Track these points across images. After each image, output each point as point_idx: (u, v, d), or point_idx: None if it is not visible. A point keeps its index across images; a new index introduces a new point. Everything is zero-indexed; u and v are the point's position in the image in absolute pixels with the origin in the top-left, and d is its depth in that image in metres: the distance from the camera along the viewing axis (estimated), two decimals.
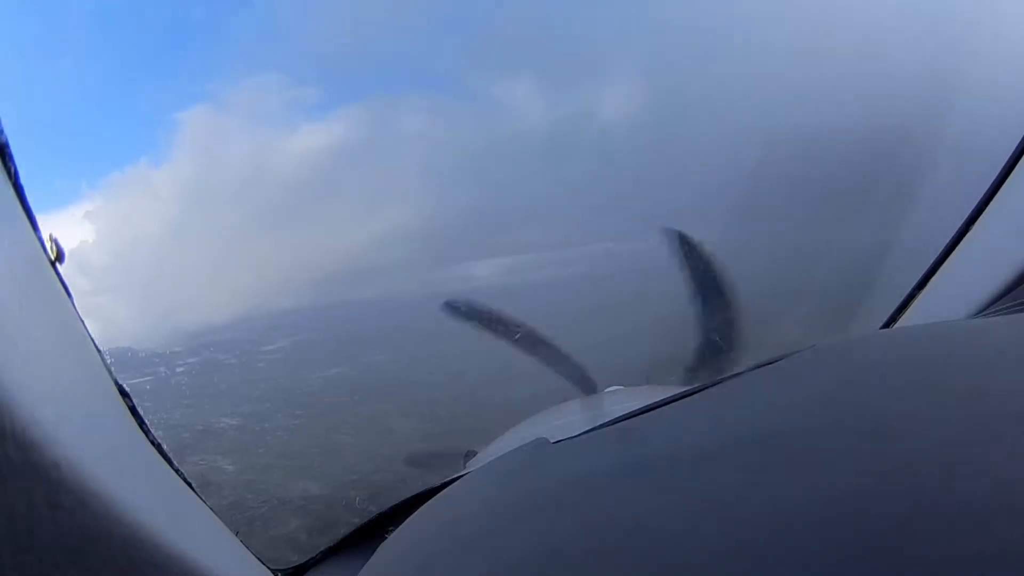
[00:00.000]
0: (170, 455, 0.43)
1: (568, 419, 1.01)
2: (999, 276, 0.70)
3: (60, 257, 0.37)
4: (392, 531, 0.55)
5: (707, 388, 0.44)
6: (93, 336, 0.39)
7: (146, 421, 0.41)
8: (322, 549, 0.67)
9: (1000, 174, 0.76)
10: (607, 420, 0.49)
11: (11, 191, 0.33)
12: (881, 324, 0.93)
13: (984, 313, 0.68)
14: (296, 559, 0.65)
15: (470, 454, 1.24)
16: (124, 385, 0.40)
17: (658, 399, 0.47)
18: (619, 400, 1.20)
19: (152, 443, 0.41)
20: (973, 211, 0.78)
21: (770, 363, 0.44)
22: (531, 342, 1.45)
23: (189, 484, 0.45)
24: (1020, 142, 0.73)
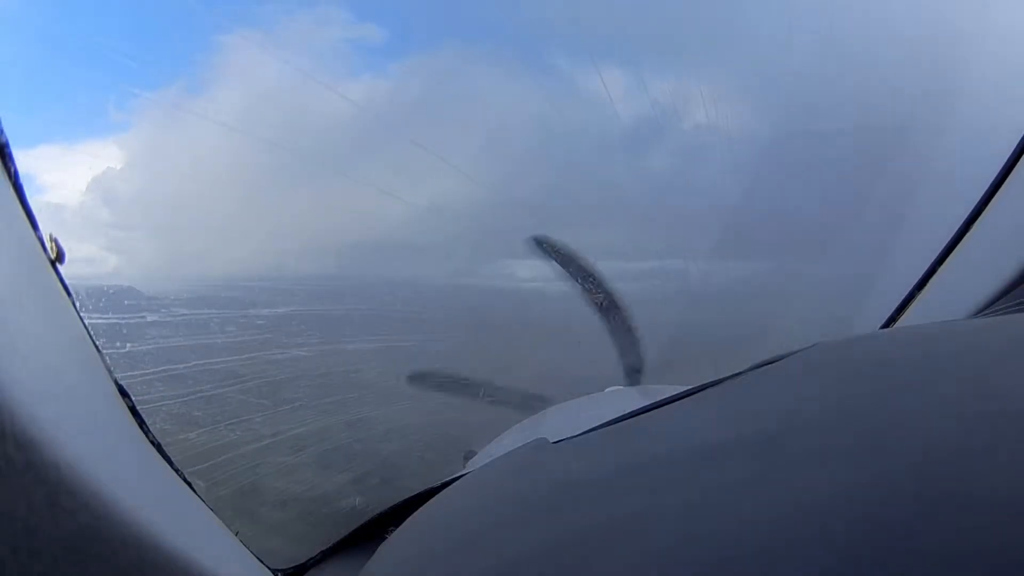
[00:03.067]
0: (170, 455, 0.43)
1: (568, 419, 1.01)
2: (999, 276, 0.70)
3: (60, 257, 0.37)
4: (392, 531, 0.55)
5: (707, 388, 0.44)
6: (92, 333, 0.39)
7: (146, 421, 0.41)
8: (322, 549, 0.67)
9: (1000, 174, 0.76)
10: (607, 420, 0.49)
11: (11, 191, 0.33)
12: (881, 324, 0.93)
13: (984, 313, 0.68)
14: (296, 559, 0.64)
15: (470, 454, 1.23)
16: (124, 385, 0.40)
17: (658, 399, 0.47)
18: (619, 400, 1.20)
19: (152, 443, 0.41)
20: (973, 211, 0.78)
21: (770, 363, 0.44)
22: (609, 310, 1.38)
23: (189, 484, 0.45)
24: (1020, 142, 0.73)
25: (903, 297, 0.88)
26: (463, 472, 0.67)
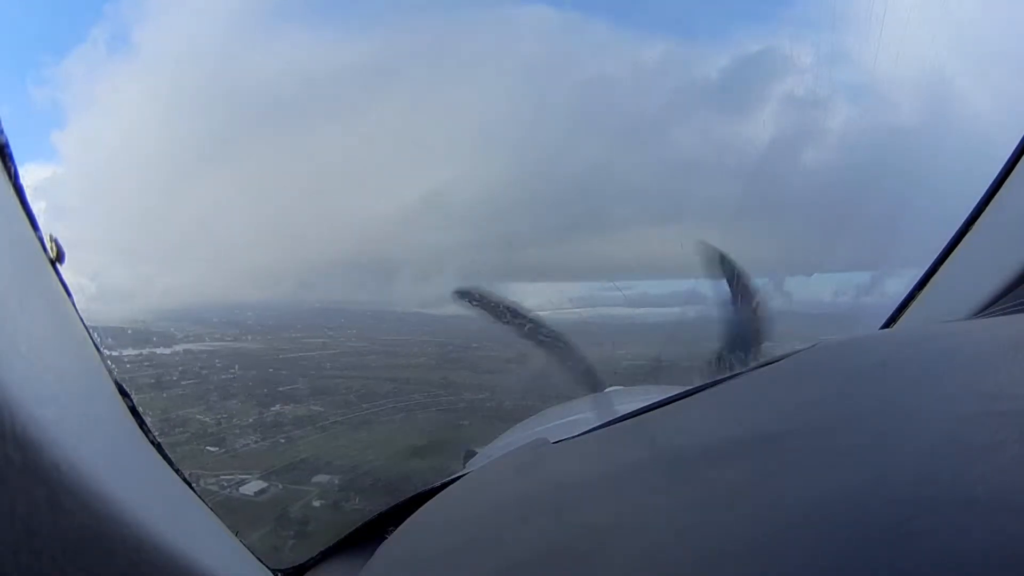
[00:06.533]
0: (170, 455, 0.43)
1: (568, 419, 1.01)
2: (999, 276, 0.70)
3: (60, 257, 0.37)
4: (392, 531, 0.55)
5: (707, 388, 0.44)
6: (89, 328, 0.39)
7: (146, 421, 0.41)
8: (322, 549, 0.67)
9: (1000, 174, 0.76)
10: (607, 420, 0.49)
11: (11, 191, 0.33)
12: (881, 324, 0.93)
13: (984, 313, 0.68)
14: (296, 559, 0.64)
15: (470, 454, 1.23)
16: (124, 385, 0.40)
17: (658, 399, 0.47)
18: (619, 400, 1.19)
19: (152, 443, 0.41)
20: (973, 211, 0.78)
21: (770, 363, 0.44)
22: (540, 335, 1.38)
23: (189, 484, 0.45)
24: (1020, 142, 0.73)
25: (903, 297, 0.88)
26: (463, 472, 0.67)
